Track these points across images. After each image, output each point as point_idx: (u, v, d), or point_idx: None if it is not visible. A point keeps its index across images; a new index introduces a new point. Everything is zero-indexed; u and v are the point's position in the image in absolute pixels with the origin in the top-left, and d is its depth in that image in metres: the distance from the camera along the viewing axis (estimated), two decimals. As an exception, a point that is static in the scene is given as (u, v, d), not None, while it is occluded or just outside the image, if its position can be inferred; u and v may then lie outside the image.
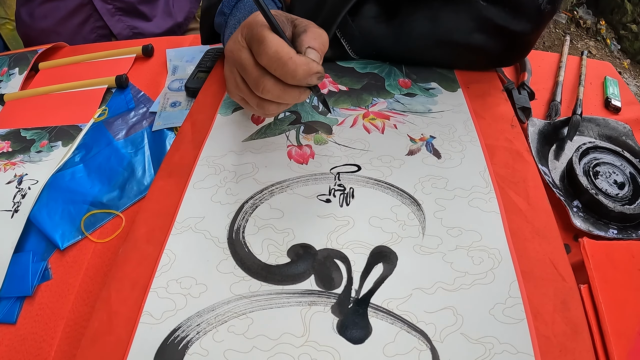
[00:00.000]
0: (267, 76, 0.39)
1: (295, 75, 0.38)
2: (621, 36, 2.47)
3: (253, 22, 0.39)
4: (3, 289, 0.44)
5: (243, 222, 0.42)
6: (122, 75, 0.68)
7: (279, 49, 0.37)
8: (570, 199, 0.47)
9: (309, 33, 0.40)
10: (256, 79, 0.40)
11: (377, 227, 0.41)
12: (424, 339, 0.34)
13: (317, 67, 0.38)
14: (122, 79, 0.68)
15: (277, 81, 0.39)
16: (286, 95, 0.40)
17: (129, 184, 0.53)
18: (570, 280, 0.37)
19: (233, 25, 0.55)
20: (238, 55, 0.41)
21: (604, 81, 0.66)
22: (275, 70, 0.38)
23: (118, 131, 0.60)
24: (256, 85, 0.40)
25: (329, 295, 0.37)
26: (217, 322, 0.36)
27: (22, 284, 0.44)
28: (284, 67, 0.37)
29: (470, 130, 0.51)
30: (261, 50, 0.38)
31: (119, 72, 0.69)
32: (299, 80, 0.38)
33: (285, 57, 0.37)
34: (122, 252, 0.41)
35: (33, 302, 0.43)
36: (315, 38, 0.40)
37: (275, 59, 0.37)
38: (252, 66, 0.40)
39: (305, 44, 0.40)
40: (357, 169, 0.47)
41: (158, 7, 1.01)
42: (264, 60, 0.38)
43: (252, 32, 0.39)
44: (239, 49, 0.41)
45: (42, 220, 0.49)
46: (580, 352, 0.33)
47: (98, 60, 0.75)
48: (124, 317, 0.37)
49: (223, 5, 0.58)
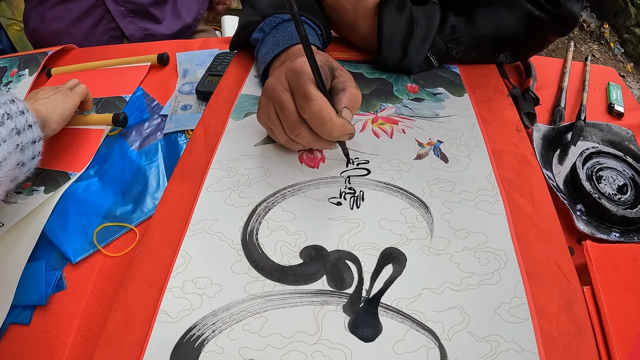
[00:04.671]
0: (304, 125, 0.43)
1: (331, 134, 0.42)
2: (625, 40, 2.47)
3: (300, 71, 0.42)
4: (17, 298, 0.43)
5: (256, 225, 0.43)
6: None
7: (322, 108, 0.41)
8: (573, 203, 0.48)
9: (347, 93, 0.44)
10: (293, 124, 0.43)
11: (387, 229, 0.43)
12: (433, 337, 0.35)
13: (351, 129, 0.43)
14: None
15: (312, 132, 0.43)
16: (316, 144, 0.45)
17: (142, 198, 0.52)
18: (574, 281, 0.38)
19: (270, 44, 0.57)
20: (279, 95, 0.44)
21: (607, 87, 0.67)
22: (314, 126, 0.42)
23: (132, 142, 0.60)
24: (292, 130, 0.44)
25: (340, 295, 0.38)
26: (232, 321, 0.37)
27: (35, 293, 0.44)
28: (323, 126, 0.41)
29: (476, 135, 0.52)
30: (305, 105, 0.41)
31: (134, 81, 0.71)
32: (333, 138, 0.43)
33: (326, 117, 0.41)
34: (138, 254, 0.42)
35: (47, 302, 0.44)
36: (352, 99, 0.44)
37: (317, 116, 0.41)
38: (292, 111, 0.43)
39: (343, 104, 0.43)
40: (366, 173, 0.48)
41: (167, 10, 1.03)
42: (306, 115, 0.42)
43: (298, 83, 0.42)
44: (281, 90, 0.44)
45: (55, 233, 0.48)
46: (584, 350, 0.34)
47: (112, 68, 0.76)
48: (140, 316, 0.37)
49: (264, 23, 0.59)
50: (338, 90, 0.44)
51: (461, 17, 0.60)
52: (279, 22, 0.58)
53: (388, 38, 0.58)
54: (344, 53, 0.68)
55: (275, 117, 0.45)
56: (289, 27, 0.57)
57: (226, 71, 0.64)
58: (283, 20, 0.58)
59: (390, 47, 0.59)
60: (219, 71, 0.67)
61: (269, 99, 0.45)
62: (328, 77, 0.46)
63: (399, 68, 0.62)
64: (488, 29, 0.60)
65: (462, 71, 0.63)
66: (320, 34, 0.62)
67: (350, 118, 0.43)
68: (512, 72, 0.68)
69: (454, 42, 0.60)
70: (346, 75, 0.46)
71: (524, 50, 0.65)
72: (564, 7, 0.57)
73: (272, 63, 0.56)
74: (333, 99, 0.44)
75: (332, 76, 0.46)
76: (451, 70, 0.64)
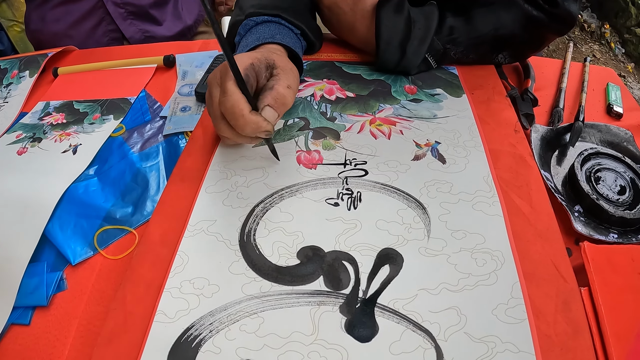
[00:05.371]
0: (224, 120, 0.46)
1: (244, 130, 0.44)
2: (625, 40, 2.47)
3: (225, 69, 0.44)
4: (18, 300, 0.44)
5: (254, 225, 0.44)
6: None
7: (235, 104, 0.43)
8: (571, 203, 0.48)
9: (272, 92, 0.46)
10: (215, 117, 0.46)
11: (384, 230, 0.43)
12: (429, 337, 0.35)
13: (266, 126, 0.44)
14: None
15: (231, 127, 0.45)
16: (237, 139, 0.48)
17: (142, 201, 0.52)
18: (571, 281, 0.38)
19: (243, 47, 0.57)
20: (210, 89, 0.46)
21: (606, 87, 0.67)
22: (230, 121, 0.44)
23: (133, 144, 0.60)
24: (215, 123, 0.47)
25: (337, 295, 0.38)
26: (229, 321, 0.37)
27: (37, 294, 0.44)
28: (235, 122, 0.44)
29: (474, 136, 0.52)
30: (221, 100, 0.44)
31: (140, 83, 0.71)
32: (247, 135, 0.45)
33: (238, 113, 0.43)
34: (136, 254, 0.42)
35: (48, 303, 0.44)
36: (276, 98, 0.46)
37: (230, 112, 0.43)
38: (214, 106, 0.46)
39: (265, 102, 0.45)
40: (364, 174, 0.48)
41: (167, 11, 1.03)
42: (222, 109, 0.44)
43: (221, 79, 0.44)
44: (212, 84, 0.46)
45: (55, 234, 0.49)
46: (581, 351, 0.34)
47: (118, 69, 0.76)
48: (138, 316, 0.38)
49: (241, 26, 0.60)
50: (266, 89, 0.46)
51: (459, 18, 0.60)
52: (252, 26, 0.59)
53: (386, 39, 0.59)
54: (342, 54, 0.68)
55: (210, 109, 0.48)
56: (260, 28, 0.58)
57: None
58: (256, 23, 0.59)
59: (389, 49, 0.59)
60: (218, 73, 0.67)
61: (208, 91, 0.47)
62: (262, 75, 0.47)
63: (397, 69, 0.62)
64: (486, 30, 0.60)
65: (460, 72, 0.63)
66: (300, 32, 0.62)
67: (273, 117, 0.45)
68: (510, 73, 0.68)
69: (452, 42, 0.60)
70: (283, 74, 0.48)
71: (522, 51, 0.65)
72: (561, 6, 0.57)
73: None
74: (259, 97, 0.46)
75: (270, 74, 0.48)
76: (449, 71, 0.64)
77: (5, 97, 0.73)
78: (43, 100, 0.71)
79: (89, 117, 0.65)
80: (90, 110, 0.67)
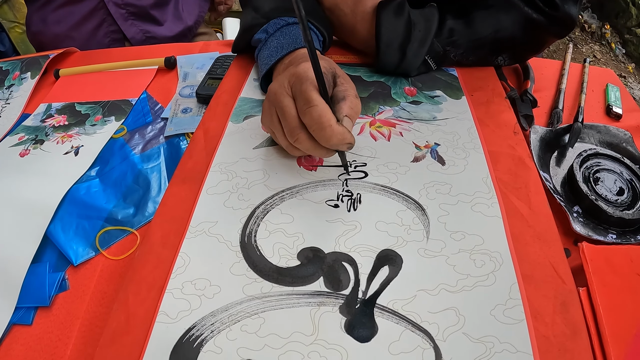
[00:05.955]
0: (304, 131, 0.43)
1: (330, 141, 0.42)
2: (626, 40, 2.47)
3: (304, 76, 0.43)
4: (20, 300, 0.44)
5: (255, 227, 0.44)
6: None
7: (323, 113, 0.41)
8: (570, 204, 0.48)
9: (347, 101, 0.44)
10: (293, 129, 0.43)
11: (383, 232, 0.43)
12: (428, 338, 0.35)
13: (350, 138, 0.42)
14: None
15: (311, 138, 0.43)
16: (315, 151, 0.45)
17: (144, 202, 0.52)
18: (569, 282, 0.39)
19: (274, 47, 0.57)
20: (281, 100, 0.44)
21: (605, 88, 0.67)
22: (313, 132, 0.42)
23: (135, 145, 0.60)
24: (291, 134, 0.44)
25: (337, 296, 0.38)
26: (231, 322, 0.37)
27: (39, 294, 0.44)
28: (322, 132, 0.41)
29: (473, 137, 0.52)
30: (306, 110, 0.41)
31: (141, 84, 0.72)
32: (331, 146, 0.43)
33: (326, 123, 0.41)
34: (138, 256, 0.43)
35: (50, 303, 0.44)
36: (352, 107, 0.44)
37: (317, 122, 0.41)
38: (292, 116, 0.43)
39: (344, 112, 0.43)
40: (364, 175, 0.48)
41: (168, 12, 1.03)
42: (306, 120, 0.42)
43: (301, 88, 0.42)
44: (283, 95, 0.44)
45: (57, 235, 0.49)
46: (579, 352, 0.35)
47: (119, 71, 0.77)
48: (140, 317, 0.38)
49: (268, 25, 0.60)
50: (339, 99, 0.44)
51: (459, 20, 0.60)
52: (284, 25, 0.59)
53: (386, 41, 0.59)
54: (342, 56, 0.69)
55: (277, 121, 0.46)
56: (293, 30, 0.57)
57: (226, 74, 0.65)
58: (288, 23, 0.59)
59: (389, 51, 0.60)
60: (218, 74, 0.67)
61: (272, 104, 0.45)
62: (330, 84, 0.46)
63: (397, 71, 0.62)
64: (486, 32, 0.60)
65: (460, 74, 0.64)
66: (323, 40, 0.62)
67: (351, 127, 0.43)
68: (510, 74, 0.69)
69: (452, 45, 0.61)
70: (348, 83, 0.47)
71: (522, 53, 0.65)
72: (561, 9, 0.57)
73: (275, 66, 0.56)
74: (334, 107, 0.44)
75: (334, 84, 0.46)
76: (449, 73, 0.64)
77: (7, 99, 0.74)
78: (45, 102, 0.71)
79: (90, 118, 0.66)
80: (92, 112, 0.67)
